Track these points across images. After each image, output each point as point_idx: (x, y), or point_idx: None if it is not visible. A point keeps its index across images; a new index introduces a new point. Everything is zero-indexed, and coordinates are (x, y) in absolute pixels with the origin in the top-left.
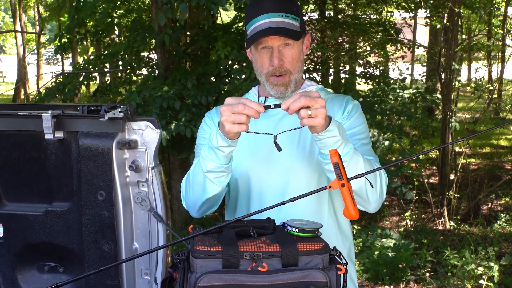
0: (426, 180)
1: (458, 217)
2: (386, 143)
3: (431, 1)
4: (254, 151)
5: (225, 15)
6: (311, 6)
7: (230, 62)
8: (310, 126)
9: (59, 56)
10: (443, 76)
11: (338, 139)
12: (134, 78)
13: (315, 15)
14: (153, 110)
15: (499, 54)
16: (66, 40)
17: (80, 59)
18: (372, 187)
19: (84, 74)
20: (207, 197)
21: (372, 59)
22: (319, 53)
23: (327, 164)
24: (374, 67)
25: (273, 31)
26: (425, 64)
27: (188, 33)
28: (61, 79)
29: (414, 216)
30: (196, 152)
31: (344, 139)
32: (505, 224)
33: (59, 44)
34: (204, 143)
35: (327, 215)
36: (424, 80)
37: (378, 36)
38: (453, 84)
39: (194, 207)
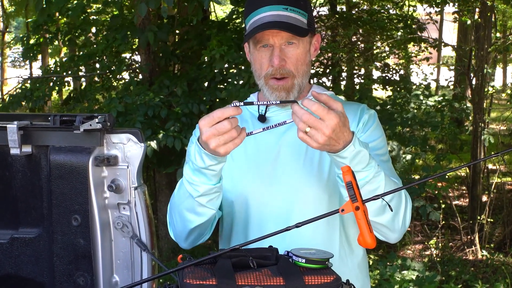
0: (454, 202)
1: (492, 245)
2: (408, 158)
3: None
4: (253, 168)
5: (220, 10)
6: (320, 0)
7: (226, 65)
8: None
9: None
10: (473, 81)
11: (354, 164)
12: (114, 83)
13: (324, 10)
14: (137, 119)
15: None
16: (34, 41)
17: (51, 61)
18: (392, 210)
19: (55, 78)
20: (199, 223)
21: (391, 61)
22: (329, 54)
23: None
24: (394, 71)
25: (274, 25)
26: (452, 67)
27: (177, 31)
28: (28, 85)
29: (440, 244)
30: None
31: (365, 162)
32: None
33: (26, 46)
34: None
35: (338, 243)
36: (452, 86)
37: (399, 34)
38: (486, 90)
39: (182, 236)
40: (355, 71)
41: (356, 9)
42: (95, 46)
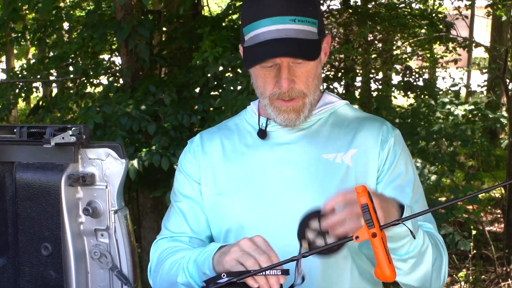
0: (487, 229)
1: None
2: (433, 177)
3: None
4: (253, 194)
5: (214, 3)
6: None
7: (221, 68)
8: None
9: None
10: (510, 87)
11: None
12: (90, 89)
13: (336, 4)
14: (118, 132)
15: None
16: None
17: (17, 64)
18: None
19: (22, 84)
20: None
21: (414, 63)
22: (342, 56)
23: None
24: (417, 75)
25: (283, 48)
26: (485, 70)
27: (164, 29)
28: None
29: (471, 277)
30: (171, 203)
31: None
32: None
33: None
34: (181, 198)
35: (350, 276)
36: (485, 92)
37: (422, 33)
38: None
39: None
40: (371, 76)
41: (373, 3)
42: (68, 46)
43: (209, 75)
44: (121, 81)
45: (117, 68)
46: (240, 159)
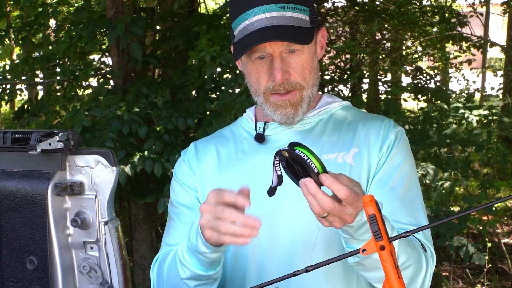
0: (503, 241)
1: None
2: (446, 185)
3: None
4: (251, 200)
5: (211, 0)
6: None
7: (218, 69)
8: None
9: None
10: None
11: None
12: (78, 91)
13: (341, 1)
14: (109, 135)
15: None
16: None
17: (0, 65)
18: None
19: (5, 86)
20: None
21: (424, 64)
22: (347, 56)
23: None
24: (428, 76)
25: (273, 34)
26: (501, 72)
27: (158, 27)
28: None
29: None
30: (169, 216)
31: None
32: None
33: None
34: (180, 209)
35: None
36: (501, 96)
37: (434, 31)
38: None
39: None
40: (379, 77)
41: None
42: (55, 45)
43: (205, 76)
44: (111, 83)
45: (108, 69)
46: (236, 165)
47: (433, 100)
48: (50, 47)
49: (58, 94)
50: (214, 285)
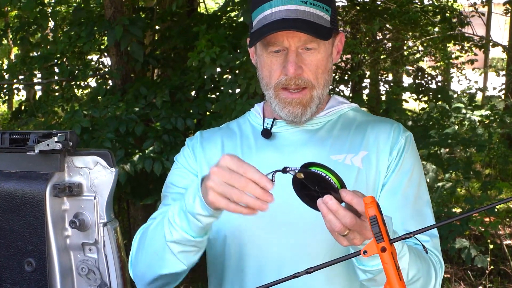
0: (505, 242)
1: None
2: (447, 186)
3: None
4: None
5: (211, 0)
6: None
7: (218, 69)
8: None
9: None
10: None
11: None
12: (77, 92)
13: (342, 1)
14: (107, 135)
15: None
16: None
17: None
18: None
19: (2, 85)
20: (163, 273)
21: (426, 64)
22: (348, 56)
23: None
24: (429, 76)
25: (291, 24)
26: (503, 72)
27: (157, 27)
28: None
29: None
30: (163, 195)
31: None
32: None
33: None
34: (176, 189)
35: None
36: (503, 96)
37: (436, 31)
38: None
39: (143, 280)
40: (380, 77)
41: None
42: (53, 45)
43: (205, 77)
44: (110, 83)
45: (106, 69)
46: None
47: (435, 101)
48: (48, 47)
49: (56, 94)
50: (197, 255)
